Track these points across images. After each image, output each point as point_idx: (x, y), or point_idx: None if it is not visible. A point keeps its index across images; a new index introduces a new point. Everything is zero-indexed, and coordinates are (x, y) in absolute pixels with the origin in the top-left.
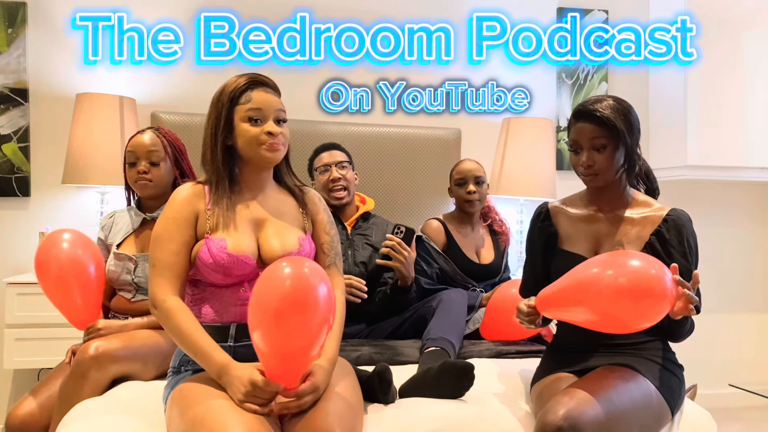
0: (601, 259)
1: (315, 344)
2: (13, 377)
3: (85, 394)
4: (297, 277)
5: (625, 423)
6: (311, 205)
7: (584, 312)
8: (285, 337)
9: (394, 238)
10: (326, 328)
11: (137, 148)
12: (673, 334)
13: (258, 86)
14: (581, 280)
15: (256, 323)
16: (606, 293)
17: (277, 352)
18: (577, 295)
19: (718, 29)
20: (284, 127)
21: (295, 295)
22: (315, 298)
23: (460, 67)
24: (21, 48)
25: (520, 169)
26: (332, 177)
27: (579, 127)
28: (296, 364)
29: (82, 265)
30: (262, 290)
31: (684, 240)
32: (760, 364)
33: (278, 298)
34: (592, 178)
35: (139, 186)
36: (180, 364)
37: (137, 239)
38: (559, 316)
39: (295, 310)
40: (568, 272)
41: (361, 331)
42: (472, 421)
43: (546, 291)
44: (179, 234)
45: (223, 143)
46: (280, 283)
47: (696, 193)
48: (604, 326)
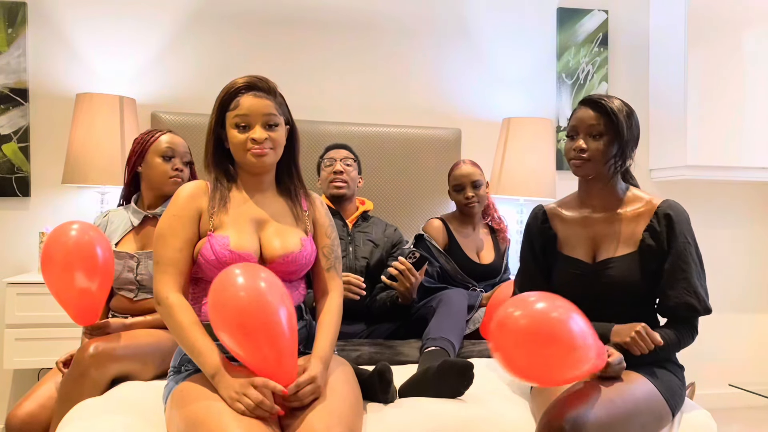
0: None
1: (285, 348)
2: (13, 377)
3: (85, 393)
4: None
5: (626, 424)
6: (313, 207)
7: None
8: (253, 348)
9: (406, 262)
10: (293, 331)
11: (177, 146)
12: (666, 354)
13: (248, 91)
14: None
15: (223, 335)
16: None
17: (252, 361)
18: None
19: (718, 29)
20: (276, 130)
21: (251, 312)
22: (274, 316)
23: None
24: (21, 48)
25: (520, 169)
26: (335, 169)
27: (580, 113)
28: (279, 366)
29: (90, 249)
30: (218, 300)
31: (676, 232)
32: (760, 364)
33: (236, 313)
34: (582, 164)
35: (173, 182)
36: (180, 363)
37: (137, 237)
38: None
39: (256, 328)
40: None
41: (361, 331)
42: (472, 420)
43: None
44: (183, 231)
45: (222, 144)
46: (233, 293)
47: (696, 193)
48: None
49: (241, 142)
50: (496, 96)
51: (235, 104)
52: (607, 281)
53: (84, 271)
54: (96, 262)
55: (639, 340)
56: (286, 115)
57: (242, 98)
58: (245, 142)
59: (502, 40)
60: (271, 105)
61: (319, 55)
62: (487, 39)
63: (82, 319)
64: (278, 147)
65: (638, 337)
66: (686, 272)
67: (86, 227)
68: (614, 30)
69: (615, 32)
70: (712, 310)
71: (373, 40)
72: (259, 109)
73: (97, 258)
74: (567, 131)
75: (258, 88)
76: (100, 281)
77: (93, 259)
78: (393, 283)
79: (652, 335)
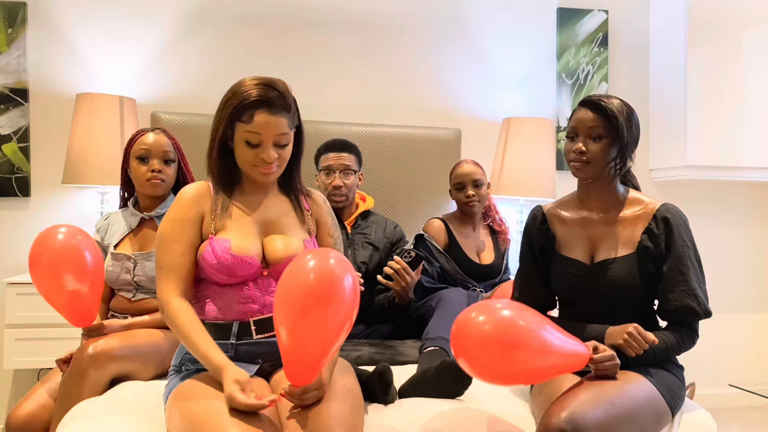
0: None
1: (339, 338)
2: (13, 377)
3: (84, 393)
4: (321, 269)
5: (626, 424)
6: (316, 207)
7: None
8: (309, 331)
9: (401, 261)
10: (348, 323)
11: (152, 146)
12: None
13: (263, 106)
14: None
15: (281, 319)
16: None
17: (301, 348)
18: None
19: (718, 29)
20: (286, 148)
21: (320, 288)
22: (341, 289)
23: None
24: (21, 48)
25: (520, 169)
26: (334, 184)
27: (580, 114)
28: (318, 359)
29: (77, 252)
30: (287, 283)
31: (674, 235)
32: (760, 364)
33: (303, 292)
34: (582, 166)
35: (151, 185)
36: (181, 362)
37: (134, 239)
38: None
39: (319, 304)
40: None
41: (360, 332)
42: (471, 421)
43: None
44: (185, 235)
45: (226, 147)
46: (304, 276)
47: (696, 193)
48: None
49: (249, 159)
50: (496, 96)
51: (248, 117)
52: (605, 282)
53: (72, 274)
54: (84, 265)
55: (632, 341)
56: (296, 121)
57: (256, 114)
58: (254, 159)
59: (502, 40)
60: (285, 123)
61: (319, 55)
62: (487, 39)
63: (77, 321)
64: (285, 162)
65: (630, 338)
66: (685, 275)
67: (73, 230)
68: (614, 30)
69: (615, 32)
70: (712, 313)
71: (374, 40)
72: (272, 129)
73: (86, 261)
74: (567, 132)
75: (274, 104)
76: (90, 284)
77: (81, 262)
78: (389, 283)
79: (645, 335)
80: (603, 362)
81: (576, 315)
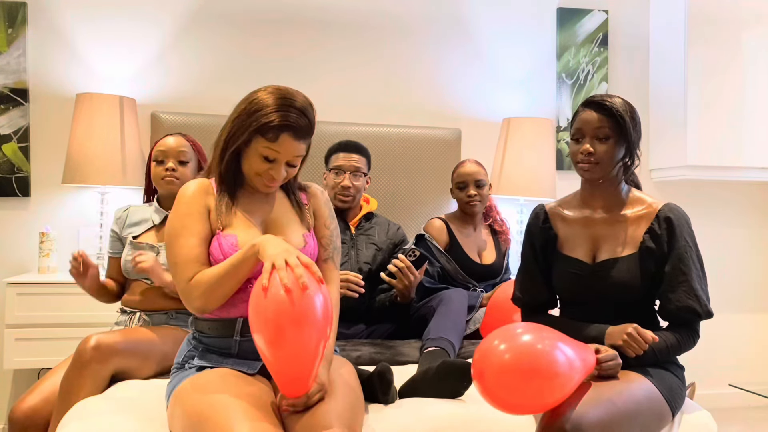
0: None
1: (316, 356)
2: (13, 377)
3: (86, 387)
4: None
5: (627, 424)
6: (314, 199)
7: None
8: (287, 352)
9: (405, 260)
10: (323, 341)
11: (167, 148)
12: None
13: (291, 131)
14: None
15: (259, 339)
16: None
17: (285, 367)
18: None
19: (718, 29)
20: (294, 168)
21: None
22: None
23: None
24: (21, 48)
25: (520, 169)
26: (343, 184)
27: (585, 115)
28: (305, 375)
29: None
30: (259, 306)
31: (677, 235)
32: (760, 364)
33: (276, 313)
34: (590, 167)
35: (165, 182)
36: (185, 360)
37: (158, 233)
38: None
39: (293, 325)
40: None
41: (361, 332)
42: (471, 421)
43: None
44: (196, 226)
45: (236, 150)
46: (277, 297)
47: (696, 193)
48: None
49: (260, 170)
50: (496, 96)
51: (273, 136)
52: (606, 282)
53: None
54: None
55: (631, 341)
56: (310, 141)
57: (282, 135)
58: (264, 172)
59: (502, 40)
60: (304, 147)
61: (319, 55)
62: (487, 39)
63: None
64: (290, 177)
65: (630, 338)
66: (687, 275)
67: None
68: (614, 30)
69: (615, 32)
70: (713, 314)
71: (374, 40)
72: (292, 151)
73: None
74: (571, 134)
75: (301, 131)
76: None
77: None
78: (392, 281)
79: (644, 334)
80: (607, 362)
81: (577, 314)
